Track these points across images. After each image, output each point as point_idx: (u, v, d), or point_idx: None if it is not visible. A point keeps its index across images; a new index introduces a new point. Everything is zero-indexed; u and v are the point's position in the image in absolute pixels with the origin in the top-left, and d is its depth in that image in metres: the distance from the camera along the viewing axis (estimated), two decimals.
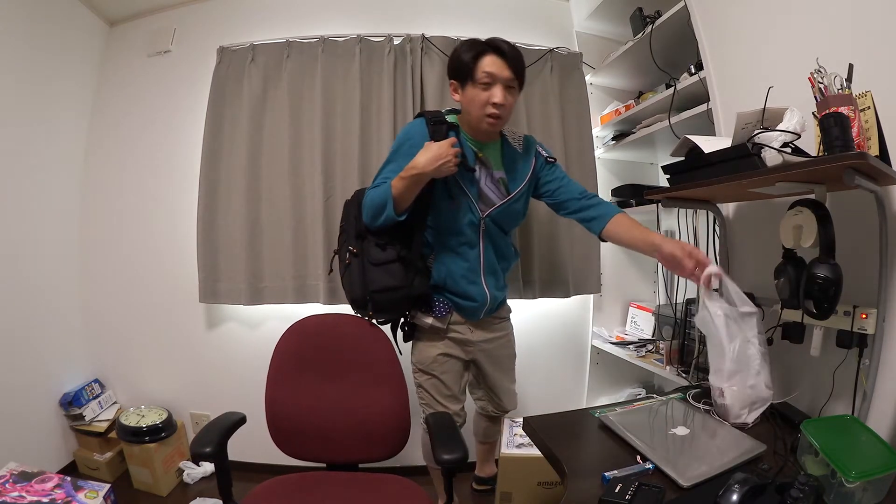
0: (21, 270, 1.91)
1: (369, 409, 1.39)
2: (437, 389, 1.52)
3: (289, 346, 1.43)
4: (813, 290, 1.02)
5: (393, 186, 1.31)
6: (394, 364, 1.41)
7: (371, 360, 1.42)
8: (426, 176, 1.30)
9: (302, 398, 1.40)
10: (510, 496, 1.79)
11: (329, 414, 1.39)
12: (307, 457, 1.42)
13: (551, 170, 1.53)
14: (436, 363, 1.51)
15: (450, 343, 1.52)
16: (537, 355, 2.29)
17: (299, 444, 1.41)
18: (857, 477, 0.81)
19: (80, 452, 2.09)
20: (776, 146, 1.04)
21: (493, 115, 1.34)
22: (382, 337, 1.45)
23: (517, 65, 1.34)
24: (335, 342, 1.43)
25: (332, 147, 2.05)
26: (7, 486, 1.44)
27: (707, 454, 1.07)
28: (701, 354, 1.62)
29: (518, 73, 1.35)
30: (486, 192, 1.46)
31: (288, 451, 1.42)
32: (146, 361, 2.25)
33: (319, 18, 2.19)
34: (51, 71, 2.02)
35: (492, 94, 1.32)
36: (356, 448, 1.39)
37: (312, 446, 1.41)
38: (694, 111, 1.66)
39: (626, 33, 2.07)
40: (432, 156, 1.28)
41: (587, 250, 2.20)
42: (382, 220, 1.34)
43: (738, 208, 1.57)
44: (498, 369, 1.66)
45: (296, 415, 1.39)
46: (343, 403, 1.40)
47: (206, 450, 1.15)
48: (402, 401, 1.40)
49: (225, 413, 1.32)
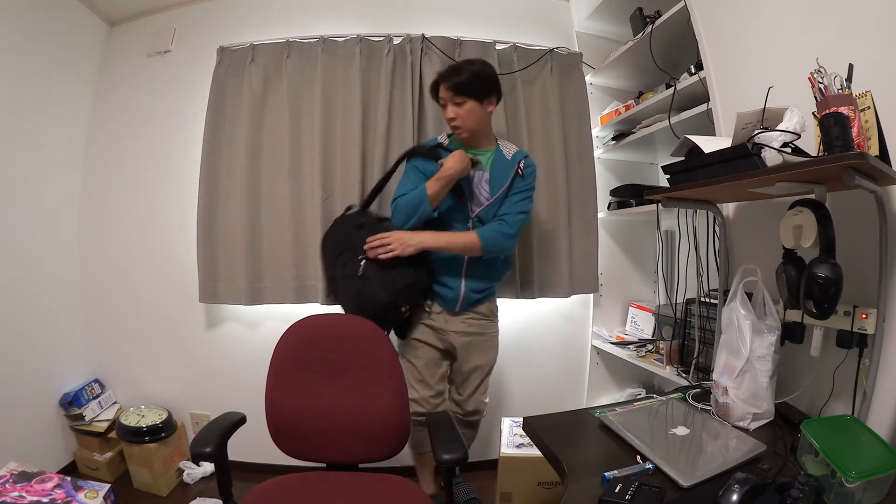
0: (21, 270, 1.91)
1: (369, 409, 1.38)
2: (411, 373, 1.67)
3: (288, 345, 1.43)
4: (813, 290, 1.02)
5: (428, 187, 1.55)
6: (394, 364, 1.41)
7: (371, 361, 1.42)
8: (457, 176, 1.57)
9: (302, 398, 1.39)
10: (510, 496, 1.79)
11: (329, 414, 1.39)
12: (307, 457, 1.42)
13: (520, 183, 1.65)
14: (409, 347, 1.70)
15: (425, 329, 1.68)
16: (537, 355, 2.29)
17: (299, 443, 1.41)
18: (857, 477, 0.81)
19: (80, 452, 2.09)
20: (776, 146, 1.04)
21: (453, 127, 1.61)
22: (382, 337, 1.45)
23: (457, 83, 1.54)
24: (335, 342, 1.43)
25: (331, 147, 2.04)
26: (7, 486, 1.44)
27: (707, 454, 1.07)
28: (701, 354, 1.62)
29: (459, 89, 1.54)
30: (477, 192, 1.65)
31: (288, 451, 1.42)
32: (146, 361, 2.25)
33: (319, 18, 2.19)
34: (51, 70, 2.02)
35: (447, 112, 1.59)
36: (356, 448, 1.39)
37: (312, 446, 1.41)
38: (694, 111, 1.66)
39: (626, 33, 2.07)
40: (459, 159, 1.56)
41: (586, 250, 2.20)
42: (416, 217, 1.56)
43: (738, 208, 1.57)
44: (468, 362, 1.73)
45: (295, 414, 1.39)
46: (343, 403, 1.39)
47: (206, 450, 1.15)
48: (402, 400, 1.40)
49: (225, 413, 1.32)
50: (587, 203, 2.22)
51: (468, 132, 1.61)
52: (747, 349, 1.18)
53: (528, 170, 1.65)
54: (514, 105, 2.18)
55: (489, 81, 1.59)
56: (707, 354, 1.59)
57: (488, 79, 1.59)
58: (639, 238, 2.36)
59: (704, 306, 1.64)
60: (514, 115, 2.17)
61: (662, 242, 2.18)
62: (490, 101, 1.61)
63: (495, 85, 1.62)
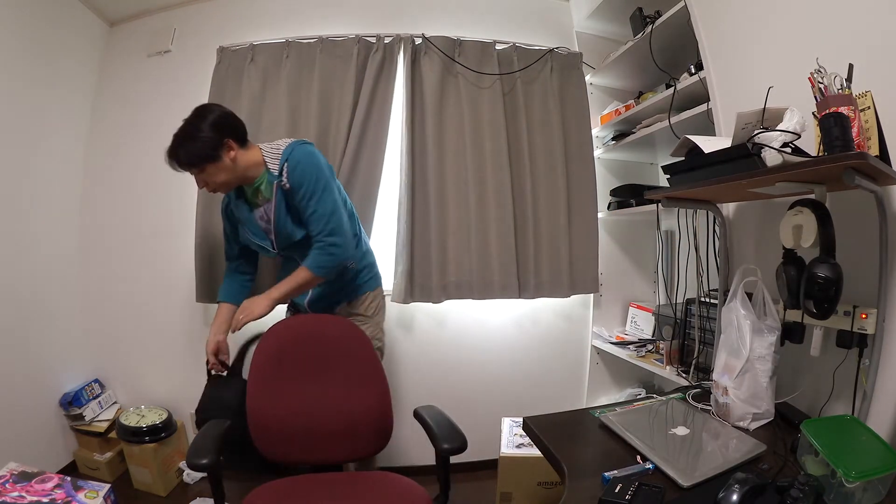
0: (21, 270, 1.91)
1: (352, 408, 1.39)
2: None
3: (269, 348, 1.42)
4: (813, 289, 1.02)
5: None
6: (375, 362, 1.42)
7: (353, 359, 1.42)
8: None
9: (285, 401, 1.38)
10: (510, 496, 1.79)
11: (313, 414, 1.39)
12: (291, 459, 1.40)
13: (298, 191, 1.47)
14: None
15: None
16: (537, 355, 2.29)
17: (283, 447, 1.38)
18: (857, 477, 0.81)
19: (80, 452, 2.09)
20: (776, 146, 1.04)
21: (212, 192, 1.53)
22: (361, 335, 1.45)
23: (180, 163, 1.44)
24: (315, 342, 1.43)
25: (327, 147, 2.04)
26: (7, 486, 1.44)
27: (707, 454, 1.07)
28: (701, 354, 1.62)
29: (187, 166, 1.44)
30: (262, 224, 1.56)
31: (272, 456, 1.38)
32: (146, 361, 2.25)
33: (319, 18, 2.19)
34: (51, 71, 2.02)
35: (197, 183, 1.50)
36: (341, 447, 1.39)
37: (297, 448, 1.38)
38: (694, 111, 1.66)
39: (626, 33, 2.07)
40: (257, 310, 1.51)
41: (585, 250, 2.20)
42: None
43: (738, 208, 1.57)
44: None
45: (279, 418, 1.37)
46: (327, 404, 1.39)
47: (202, 461, 1.12)
48: (385, 398, 1.41)
49: (215, 421, 1.30)
50: (587, 203, 2.22)
51: (226, 187, 1.50)
52: (747, 349, 1.18)
53: (294, 175, 1.44)
54: (514, 105, 2.18)
55: (209, 141, 1.40)
56: (707, 354, 1.59)
57: (206, 140, 1.40)
58: (639, 238, 2.36)
59: (704, 306, 1.64)
60: (514, 115, 2.18)
61: (662, 242, 2.18)
62: (226, 149, 1.43)
63: (221, 131, 1.42)
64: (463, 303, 2.16)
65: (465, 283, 2.11)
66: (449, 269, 2.10)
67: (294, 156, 1.46)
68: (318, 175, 1.46)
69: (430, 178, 2.09)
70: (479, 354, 2.26)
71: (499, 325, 2.27)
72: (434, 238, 2.09)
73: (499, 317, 2.26)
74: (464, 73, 2.14)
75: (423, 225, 2.10)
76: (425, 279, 2.09)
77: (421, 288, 2.09)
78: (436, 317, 2.23)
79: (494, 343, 2.27)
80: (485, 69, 2.15)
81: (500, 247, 2.10)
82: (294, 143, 1.51)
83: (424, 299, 2.10)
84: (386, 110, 2.08)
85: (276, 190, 1.48)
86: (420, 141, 2.11)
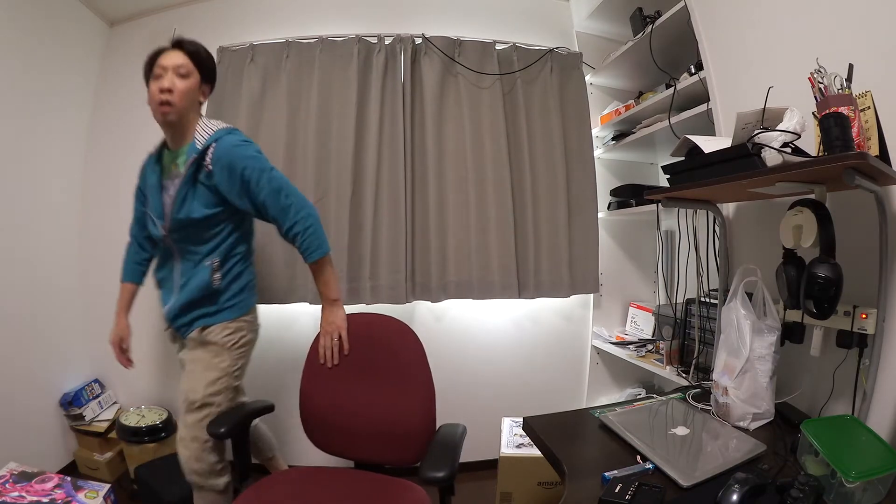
0: (21, 270, 1.91)
1: (395, 417, 1.37)
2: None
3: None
4: (813, 290, 1.02)
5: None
6: (425, 369, 1.38)
7: (403, 364, 1.40)
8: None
9: (332, 394, 1.43)
10: (510, 496, 1.79)
11: (356, 412, 1.40)
12: (330, 450, 1.45)
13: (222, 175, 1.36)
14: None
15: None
16: (537, 355, 2.29)
17: (323, 437, 1.44)
18: (857, 477, 0.81)
19: (80, 452, 2.09)
20: (776, 146, 1.04)
21: (162, 102, 1.34)
22: (415, 340, 1.41)
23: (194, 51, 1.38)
24: (369, 343, 1.44)
25: (327, 147, 2.05)
26: (7, 486, 1.44)
27: (707, 454, 1.07)
28: (701, 354, 1.62)
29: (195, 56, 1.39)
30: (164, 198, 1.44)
31: (312, 440, 1.45)
32: (146, 361, 2.24)
33: (318, 18, 2.19)
34: (51, 71, 2.02)
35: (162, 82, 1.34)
36: (380, 450, 1.39)
37: (335, 441, 1.44)
38: (694, 111, 1.66)
39: (626, 33, 2.07)
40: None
41: (585, 250, 2.20)
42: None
43: (738, 208, 1.57)
44: None
45: (324, 409, 1.43)
46: (372, 404, 1.40)
47: (220, 430, 1.22)
48: (429, 406, 1.36)
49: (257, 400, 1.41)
50: (587, 203, 2.22)
51: (177, 114, 1.36)
52: (747, 349, 1.18)
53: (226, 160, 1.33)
54: (515, 105, 2.18)
55: (213, 66, 1.47)
56: (707, 354, 1.59)
57: (213, 63, 1.47)
58: (639, 238, 2.36)
59: (704, 306, 1.64)
60: (514, 116, 2.18)
61: (662, 242, 2.18)
62: (206, 87, 1.46)
63: (215, 74, 1.49)
64: (463, 302, 2.16)
65: (465, 282, 2.10)
66: (449, 269, 2.10)
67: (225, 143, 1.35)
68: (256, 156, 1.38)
69: (430, 178, 2.09)
70: (479, 354, 2.26)
71: (499, 325, 2.27)
72: (434, 237, 2.09)
73: (499, 317, 2.26)
74: (464, 73, 2.14)
75: (423, 224, 2.10)
76: (425, 278, 2.09)
77: (421, 287, 2.09)
78: (435, 316, 2.23)
79: (494, 343, 2.27)
80: (485, 69, 2.15)
81: (499, 247, 2.10)
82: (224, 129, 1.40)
83: (424, 298, 2.10)
84: (396, 110, 2.07)
85: (190, 166, 1.35)
86: (420, 141, 2.11)
